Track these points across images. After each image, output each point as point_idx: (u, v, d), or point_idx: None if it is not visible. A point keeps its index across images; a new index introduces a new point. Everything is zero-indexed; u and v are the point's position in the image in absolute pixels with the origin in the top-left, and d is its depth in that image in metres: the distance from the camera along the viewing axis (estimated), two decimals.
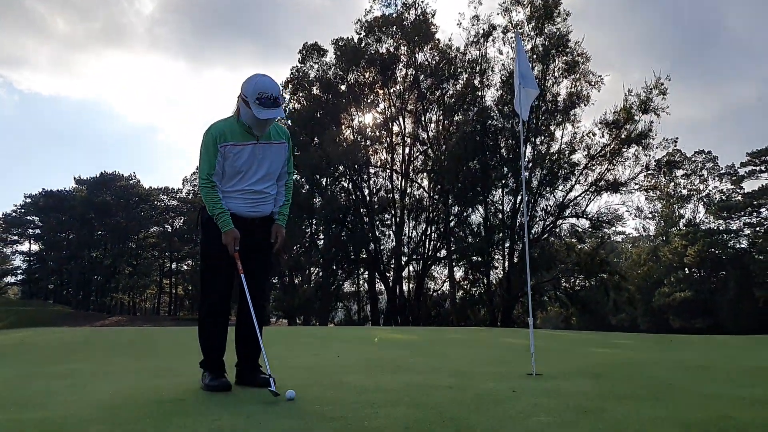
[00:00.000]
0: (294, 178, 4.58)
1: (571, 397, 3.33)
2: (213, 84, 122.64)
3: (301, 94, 43.39)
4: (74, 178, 71.26)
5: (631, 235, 67.06)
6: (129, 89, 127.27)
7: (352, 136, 42.20)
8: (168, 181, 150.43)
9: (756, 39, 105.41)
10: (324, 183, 43.63)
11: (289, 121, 44.11)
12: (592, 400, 3.24)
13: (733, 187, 56.47)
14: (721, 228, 54.94)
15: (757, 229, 52.79)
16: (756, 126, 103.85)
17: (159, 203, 71.45)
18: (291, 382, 4.08)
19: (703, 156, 59.82)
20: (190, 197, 67.40)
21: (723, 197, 56.86)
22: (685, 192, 60.47)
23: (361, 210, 42.38)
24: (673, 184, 48.40)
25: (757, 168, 53.22)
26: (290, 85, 43.37)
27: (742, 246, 54.22)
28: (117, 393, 3.57)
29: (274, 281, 49.68)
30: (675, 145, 37.56)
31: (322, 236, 44.74)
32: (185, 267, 71.27)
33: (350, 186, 43.51)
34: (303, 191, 41.17)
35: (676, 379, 4.14)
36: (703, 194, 61.05)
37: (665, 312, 58.41)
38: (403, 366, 5.21)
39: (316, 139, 41.14)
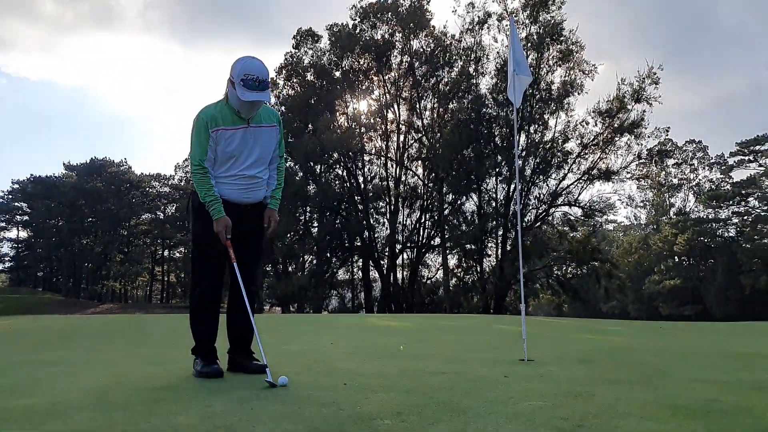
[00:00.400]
0: (287, 164, 4.59)
1: (562, 381, 3.35)
2: (207, 69, 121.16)
3: (295, 80, 43.10)
4: (64, 164, 70.74)
5: (622, 224, 67.45)
6: (120, 74, 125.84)
7: (346, 123, 42.04)
8: (160, 167, 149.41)
9: (747, 29, 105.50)
10: (318, 170, 43.48)
11: (283, 107, 43.84)
12: (582, 384, 3.27)
13: (722, 176, 56.83)
14: (710, 217, 55.41)
15: (745, 218, 53.28)
16: (746, 116, 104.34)
17: (151, 190, 70.99)
18: (283, 368, 4.08)
19: (694, 145, 60.10)
20: (182, 184, 67.01)
21: (712, 186, 57.23)
22: (675, 181, 60.80)
23: (356, 198, 42.34)
24: (664, 173, 48.62)
25: (746, 158, 53.57)
26: (284, 71, 43.05)
27: (730, 234, 54.76)
28: (107, 380, 3.56)
29: (268, 269, 49.64)
30: (667, 135, 37.76)
31: (316, 224, 44.69)
32: (177, 254, 71.04)
33: (344, 173, 43.41)
34: (297, 178, 40.99)
35: (664, 364, 4.18)
36: (693, 183, 61.45)
37: (655, 299, 59.01)
38: (396, 352, 5.24)
39: (310, 125, 40.93)
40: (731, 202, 53.43)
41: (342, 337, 7.62)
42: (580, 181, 36.91)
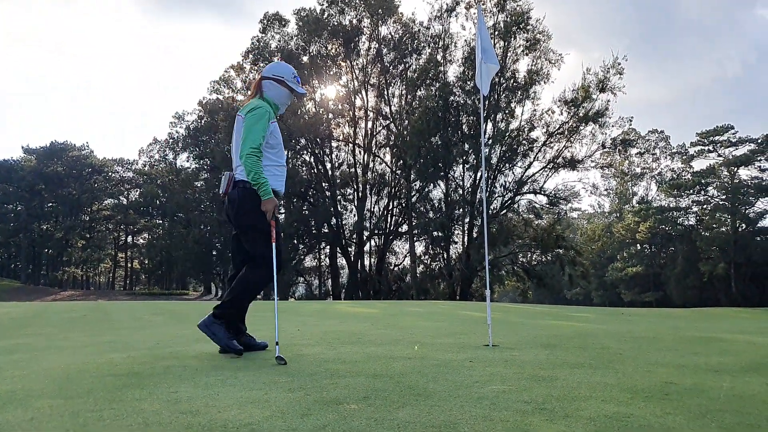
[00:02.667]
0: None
1: (525, 365, 3.42)
2: (172, 47, 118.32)
3: (262, 65, 42.36)
4: (22, 147, 68.26)
5: (586, 212, 69.03)
6: (82, 51, 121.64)
7: (314, 109, 41.67)
8: (123, 152, 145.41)
9: (708, 21, 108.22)
10: (286, 156, 42.94)
11: (249, 92, 43.05)
12: (545, 368, 3.34)
13: (683, 166, 58.52)
14: (671, 205, 57.07)
15: (704, 206, 55.03)
16: (710, 107, 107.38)
17: (114, 175, 69.22)
18: (249, 354, 4.06)
19: (656, 135, 61.71)
20: (146, 169, 65.51)
21: (674, 176, 58.92)
22: (638, 170, 62.42)
23: (323, 184, 42.12)
24: (627, 162, 49.80)
25: (706, 148, 55.21)
26: (251, 56, 42.36)
27: (690, 223, 56.53)
28: (69, 366, 3.48)
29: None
30: (630, 124, 38.62)
31: (282, 210, 44.31)
32: (141, 241, 69.62)
33: (312, 160, 43.12)
34: None
35: (625, 349, 4.31)
36: (656, 172, 63.20)
37: (617, 286, 60.74)
38: (363, 338, 5.25)
39: None
40: (691, 191, 55.07)
41: (309, 323, 7.60)
42: (546, 169, 37.54)
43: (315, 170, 42.78)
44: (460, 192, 38.41)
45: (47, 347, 4.71)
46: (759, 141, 51.78)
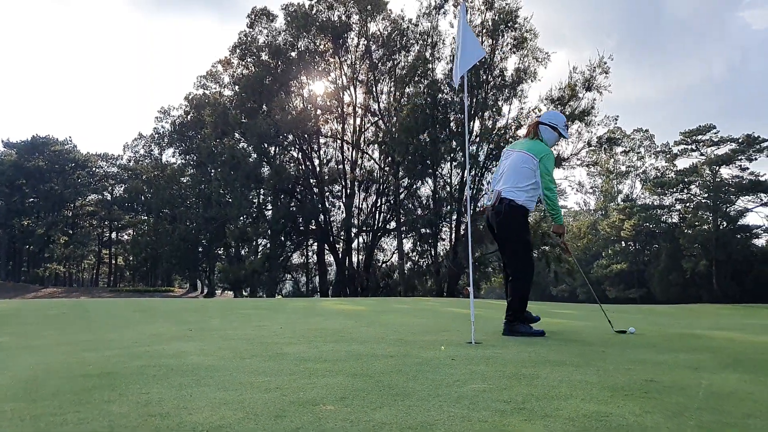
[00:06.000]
0: (241, 146, 5.47)
1: (507, 364, 3.39)
2: (158, 41, 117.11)
3: (249, 60, 42.11)
4: (2, 141, 67.12)
5: (572, 209, 69.46)
6: (65, 44, 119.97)
7: (301, 105, 41.44)
8: (107, 147, 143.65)
9: (697, 21, 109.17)
10: (273, 152, 42.80)
11: (237, 87, 42.80)
12: (527, 366, 3.31)
13: (667, 164, 59.08)
14: (655, 203, 57.64)
15: (687, 204, 55.70)
16: (697, 106, 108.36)
17: (98, 170, 68.39)
18: (228, 353, 3.99)
19: (641, 134, 62.21)
20: (131, 164, 64.82)
21: (658, 174, 59.47)
22: (623, 168, 62.89)
23: (311, 180, 41.94)
24: (612, 160, 50.15)
25: (689, 147, 55.80)
26: (238, 51, 42.00)
27: (674, 221, 57.18)
28: (39, 367, 3.38)
29: (220, 252, 48.73)
30: (615, 123, 38.87)
31: (270, 206, 44.11)
32: (126, 237, 68.93)
33: (300, 156, 42.91)
34: (251, 160, 40.26)
35: (607, 346, 4.30)
36: (640, 171, 63.75)
37: (602, 283, 61.25)
38: (346, 336, 5.20)
39: (264, 106, 40.17)
40: (675, 190, 55.69)
41: (293, 321, 7.53)
42: None
43: (303, 166, 42.56)
44: (448, 189, 38.43)
45: (20, 346, 4.60)
46: (740, 141, 52.47)
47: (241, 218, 41.10)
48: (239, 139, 41.45)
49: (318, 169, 41.93)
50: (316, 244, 43.32)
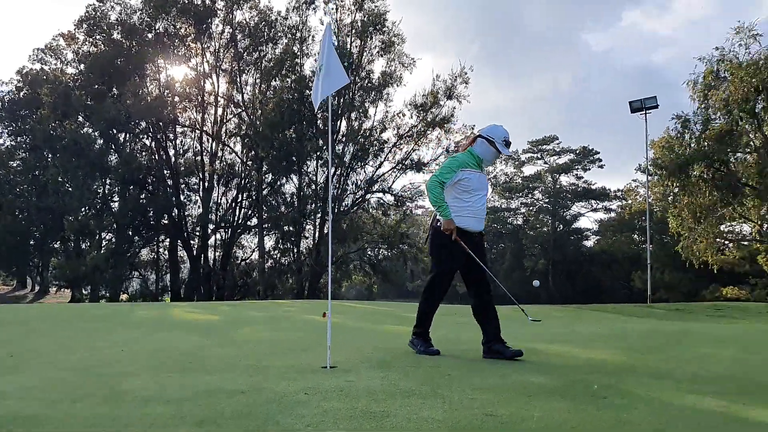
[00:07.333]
0: (89, 132, 4.95)
1: (360, 397, 3.43)
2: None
3: (98, 37, 38.42)
4: None
5: (430, 210, 72.74)
6: None
7: (157, 91, 38.76)
8: None
9: (548, 34, 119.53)
10: (122, 139, 39.55)
11: (82, 66, 38.93)
12: (378, 399, 3.37)
13: (515, 170, 64.46)
14: (503, 206, 62.66)
15: (530, 208, 61.54)
16: (543, 117, 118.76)
17: None
18: (57, 392, 3.57)
19: None
20: None
21: (507, 179, 64.66)
22: None
23: (165, 172, 39.39)
24: None
25: (535, 155, 61.56)
26: (85, 25, 38.14)
27: (518, 222, 62.71)
28: None
29: (56, 246, 44.08)
30: (472, 131, 41.48)
31: (117, 198, 40.70)
32: None
33: (153, 145, 40.12)
34: (96, 147, 36.89)
35: (453, 368, 4.51)
36: (491, 176, 68.84)
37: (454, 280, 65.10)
38: (195, 362, 4.93)
39: (115, 89, 36.95)
40: (520, 194, 61.24)
41: (137, 338, 6.99)
42: (395, 169, 38.90)
43: (156, 156, 39.81)
44: (313, 187, 38.34)
45: None
46: (577, 152, 59.14)
47: (83, 209, 37.43)
48: (83, 123, 37.69)
49: (174, 159, 39.54)
50: (168, 239, 40.82)
